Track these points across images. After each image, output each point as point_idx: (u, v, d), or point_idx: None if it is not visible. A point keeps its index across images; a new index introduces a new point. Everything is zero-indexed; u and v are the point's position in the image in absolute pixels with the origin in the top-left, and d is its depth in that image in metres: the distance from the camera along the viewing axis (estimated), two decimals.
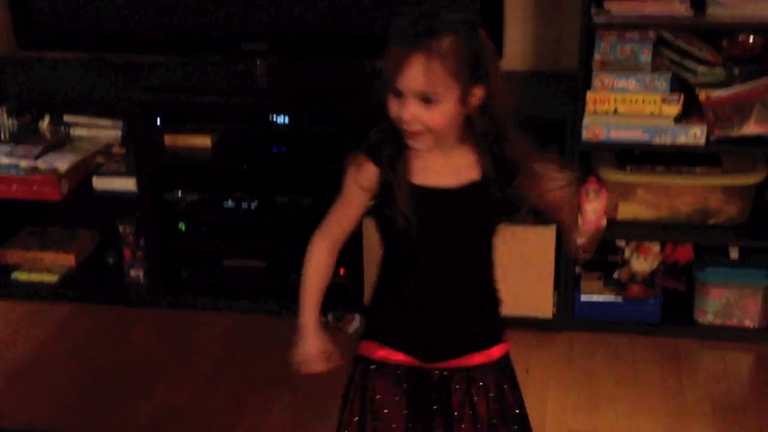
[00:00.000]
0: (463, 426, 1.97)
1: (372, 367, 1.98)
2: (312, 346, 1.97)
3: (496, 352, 1.99)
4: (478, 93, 1.78)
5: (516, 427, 2.00)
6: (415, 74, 1.73)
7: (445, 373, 1.97)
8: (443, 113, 1.77)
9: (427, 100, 1.76)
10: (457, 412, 1.97)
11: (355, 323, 3.17)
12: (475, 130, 1.83)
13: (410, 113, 1.76)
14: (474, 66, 1.76)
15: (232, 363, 3.11)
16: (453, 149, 1.85)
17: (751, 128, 2.93)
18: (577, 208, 2.04)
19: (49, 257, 3.53)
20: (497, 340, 2.01)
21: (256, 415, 2.83)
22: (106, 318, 3.37)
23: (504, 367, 2.01)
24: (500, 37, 3.12)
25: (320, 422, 2.77)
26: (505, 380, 2.01)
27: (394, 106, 1.78)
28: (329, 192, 2.00)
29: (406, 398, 1.97)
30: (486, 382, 1.98)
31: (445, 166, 1.85)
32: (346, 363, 2.01)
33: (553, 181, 1.93)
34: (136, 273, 3.43)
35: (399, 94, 1.77)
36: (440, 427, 1.98)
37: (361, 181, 1.86)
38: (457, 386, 1.97)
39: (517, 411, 2.02)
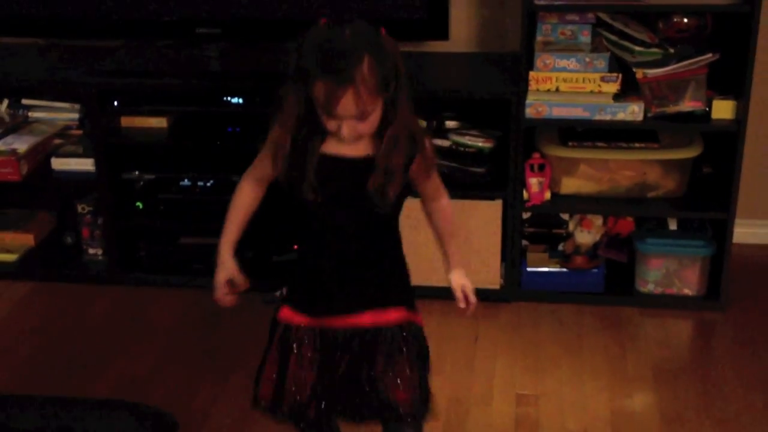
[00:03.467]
0: (362, 383, 2.15)
1: (282, 328, 2.17)
2: (221, 274, 2.24)
3: (392, 315, 2.15)
4: (400, 101, 2.02)
5: (405, 384, 2.17)
6: (348, 104, 1.95)
7: (348, 334, 2.14)
8: (373, 121, 2.01)
9: (360, 118, 1.97)
10: (358, 370, 2.14)
11: None
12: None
13: (348, 132, 1.99)
14: (389, 74, 1.98)
15: (189, 337, 3.18)
16: None
17: (686, 105, 3.07)
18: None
19: (8, 237, 3.59)
20: (396, 303, 2.17)
21: (214, 386, 2.91)
22: (66, 295, 3.43)
23: (403, 333, 2.16)
24: (446, 21, 3.23)
25: None
26: (401, 346, 2.15)
27: (331, 124, 1.99)
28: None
29: (315, 355, 2.15)
30: (381, 343, 2.14)
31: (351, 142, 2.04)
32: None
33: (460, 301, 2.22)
34: (94, 251, 3.50)
35: (330, 117, 1.98)
36: (344, 383, 2.16)
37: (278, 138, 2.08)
38: (356, 345, 2.14)
39: (409, 374, 2.17)
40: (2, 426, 1.78)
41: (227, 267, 2.24)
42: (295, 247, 3.26)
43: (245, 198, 2.25)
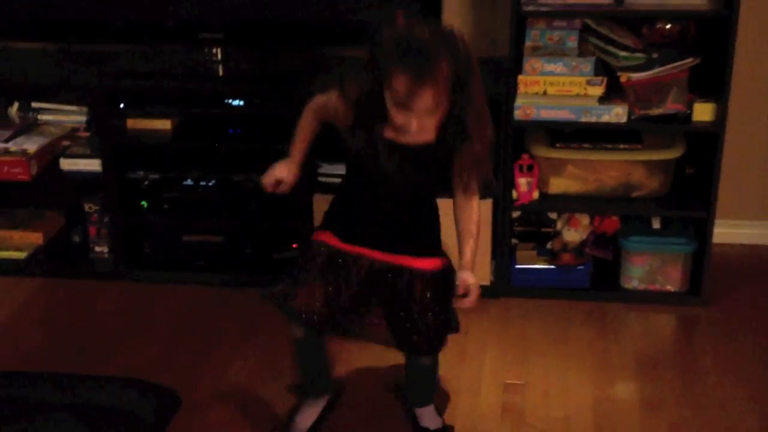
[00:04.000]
0: (395, 310, 2.47)
1: (322, 249, 2.46)
2: (284, 168, 2.53)
3: (428, 263, 2.44)
4: (469, 95, 2.23)
5: (430, 322, 2.48)
6: (426, 99, 2.13)
7: (384, 266, 2.42)
8: (439, 118, 2.21)
9: (432, 113, 2.17)
10: (391, 300, 2.45)
11: None
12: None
13: (417, 126, 2.18)
14: (463, 73, 2.17)
15: (192, 330, 3.30)
16: None
17: (668, 107, 3.19)
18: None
19: (17, 235, 3.71)
20: (431, 254, 2.45)
21: (216, 374, 3.03)
22: (73, 291, 3.55)
23: (436, 278, 2.45)
24: None
25: (275, 379, 2.99)
26: (431, 288, 2.45)
27: (399, 117, 2.18)
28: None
29: (356, 280, 2.45)
30: (415, 283, 2.43)
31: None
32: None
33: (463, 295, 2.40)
34: (101, 249, 3.62)
35: (403, 109, 2.16)
36: (376, 305, 2.48)
37: (330, 112, 2.37)
38: (390, 277, 2.43)
39: (436, 310, 2.48)
40: (16, 399, 1.91)
41: (295, 164, 2.52)
42: (294, 246, 3.41)
43: (307, 126, 2.51)
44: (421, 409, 2.77)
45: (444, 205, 2.50)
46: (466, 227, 2.43)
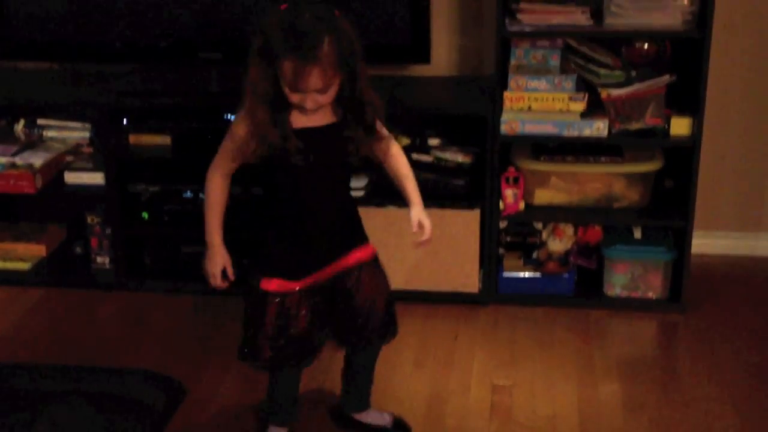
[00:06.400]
0: (353, 310, 2.57)
1: (274, 298, 2.51)
2: (216, 263, 2.64)
3: (366, 251, 2.57)
4: (356, 72, 2.33)
5: (383, 306, 2.60)
6: (313, 80, 2.25)
7: (337, 276, 2.52)
8: (332, 93, 2.32)
9: (323, 91, 2.28)
10: (351, 300, 2.55)
11: None
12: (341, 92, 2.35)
13: (311, 104, 2.30)
14: (347, 51, 2.27)
15: (191, 337, 3.40)
16: None
17: (647, 122, 3.33)
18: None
19: (21, 247, 3.83)
20: (363, 242, 2.57)
21: (214, 379, 3.11)
22: (75, 301, 3.65)
23: (377, 263, 2.59)
24: (428, 46, 3.50)
25: None
26: (377, 274, 2.59)
27: (294, 97, 2.30)
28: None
29: (310, 308, 2.52)
30: (363, 274, 2.55)
31: (313, 112, 2.37)
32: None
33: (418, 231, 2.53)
34: (102, 260, 3.74)
35: (295, 91, 2.28)
36: (337, 314, 2.58)
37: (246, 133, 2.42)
38: (346, 283, 2.54)
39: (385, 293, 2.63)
40: (32, 388, 2.01)
41: (222, 254, 2.60)
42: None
43: (218, 191, 2.61)
44: (364, 413, 2.85)
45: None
46: (399, 171, 2.57)
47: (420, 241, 2.55)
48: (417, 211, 2.54)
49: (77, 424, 1.93)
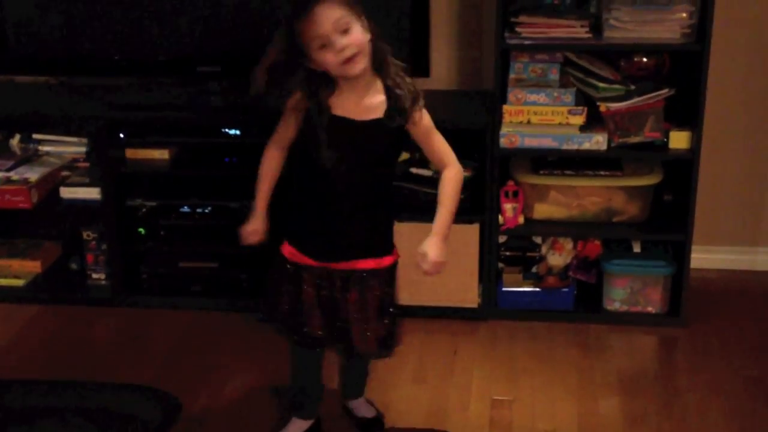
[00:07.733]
0: (355, 315, 2.58)
1: (288, 266, 2.58)
2: (253, 224, 2.68)
3: (386, 261, 2.58)
4: (369, 24, 2.40)
5: (388, 315, 2.61)
6: (327, 17, 2.34)
7: (345, 274, 2.55)
8: (359, 33, 2.36)
9: (344, 31, 2.33)
10: (352, 304, 2.57)
11: None
12: (374, 65, 2.44)
13: (343, 43, 2.34)
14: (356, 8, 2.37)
15: (188, 353, 3.38)
16: (365, 92, 2.45)
17: (645, 135, 3.33)
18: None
19: (16, 264, 3.80)
20: (387, 252, 2.59)
21: (211, 394, 3.09)
22: (71, 316, 3.63)
23: (389, 272, 2.60)
24: (427, 60, 3.50)
25: (270, 403, 3.04)
26: (387, 282, 2.60)
27: (329, 55, 2.35)
28: (276, 197, 2.63)
29: (316, 289, 2.58)
30: (372, 283, 2.56)
31: (358, 106, 2.44)
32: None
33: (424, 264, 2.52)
34: (98, 276, 3.71)
35: (325, 45, 2.34)
36: (340, 312, 2.59)
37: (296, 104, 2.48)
38: (353, 284, 2.56)
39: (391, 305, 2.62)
40: (30, 403, 1.99)
41: (260, 221, 2.66)
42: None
43: (271, 163, 2.62)
44: (357, 400, 2.96)
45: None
46: (440, 195, 2.58)
47: (423, 269, 2.53)
48: (428, 240, 2.52)
49: None
